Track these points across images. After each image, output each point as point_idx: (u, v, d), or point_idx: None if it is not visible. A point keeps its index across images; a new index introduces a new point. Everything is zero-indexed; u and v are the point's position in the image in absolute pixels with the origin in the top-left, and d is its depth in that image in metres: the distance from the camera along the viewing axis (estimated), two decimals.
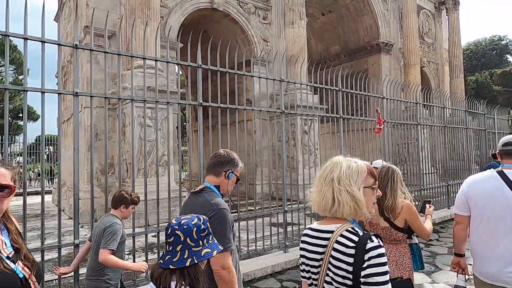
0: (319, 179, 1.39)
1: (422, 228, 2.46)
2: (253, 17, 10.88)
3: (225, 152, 2.05)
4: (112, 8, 8.30)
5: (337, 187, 1.32)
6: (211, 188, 1.98)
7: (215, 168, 2.02)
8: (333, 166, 1.38)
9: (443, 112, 7.81)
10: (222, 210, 1.85)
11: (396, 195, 2.44)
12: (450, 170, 8.85)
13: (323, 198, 1.35)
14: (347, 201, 1.30)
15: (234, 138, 5.46)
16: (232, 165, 2.03)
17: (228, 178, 2.01)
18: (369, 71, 15.41)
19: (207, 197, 1.91)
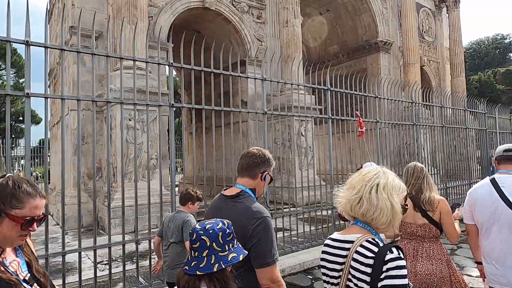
0: (359, 182, 1.37)
1: (454, 228, 2.47)
2: (247, 16, 10.63)
3: (259, 151, 1.86)
4: (99, 8, 8.10)
5: (381, 193, 1.32)
6: (247, 192, 1.81)
7: (251, 170, 1.82)
8: (377, 173, 1.38)
9: (441, 111, 7.51)
10: (267, 218, 1.70)
11: (432, 190, 2.52)
12: (450, 172, 8.57)
13: (359, 201, 1.34)
14: (386, 210, 1.31)
15: (228, 140, 5.26)
16: (267, 165, 1.85)
17: (264, 180, 1.84)
18: (368, 71, 15.12)
19: (247, 204, 1.74)
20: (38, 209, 1.20)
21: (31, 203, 1.18)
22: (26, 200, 1.17)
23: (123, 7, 7.30)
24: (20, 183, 1.19)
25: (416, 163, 2.65)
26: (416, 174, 2.56)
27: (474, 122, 8.81)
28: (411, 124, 6.69)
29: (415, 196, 2.53)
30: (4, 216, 1.14)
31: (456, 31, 17.07)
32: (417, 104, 6.84)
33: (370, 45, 15.06)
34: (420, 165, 2.63)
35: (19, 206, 1.16)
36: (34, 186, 1.22)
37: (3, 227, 1.15)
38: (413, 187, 2.55)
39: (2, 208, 1.14)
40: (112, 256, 5.21)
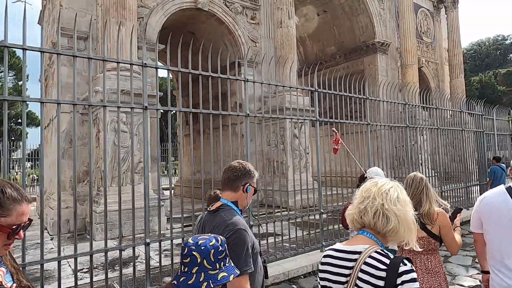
0: (378, 194, 1.36)
1: (454, 240, 2.43)
2: (241, 17, 10.50)
3: (240, 164, 1.92)
4: (88, 8, 7.97)
5: (401, 206, 1.33)
6: (228, 205, 1.86)
7: (232, 183, 1.89)
8: (393, 186, 1.40)
9: (437, 113, 7.34)
10: (240, 230, 1.72)
11: (432, 202, 2.48)
12: (448, 174, 8.40)
13: (375, 212, 1.32)
14: (406, 222, 1.32)
15: (224, 142, 5.15)
16: (249, 177, 1.90)
17: (247, 192, 1.89)
18: (365, 72, 14.96)
19: (224, 217, 1.79)
20: (25, 216, 1.11)
21: (17, 209, 1.09)
22: (13, 207, 1.08)
23: (111, 7, 7.17)
24: (3, 187, 1.08)
25: (416, 173, 2.60)
26: (415, 185, 2.51)
27: (472, 124, 8.64)
28: (404, 126, 6.51)
29: (414, 208, 2.44)
30: None
31: (455, 32, 16.90)
32: (410, 105, 6.65)
33: (367, 46, 14.91)
34: (420, 176, 2.57)
35: (5, 214, 1.06)
36: (19, 190, 1.12)
37: None
38: (412, 199, 2.46)
39: None
40: (98, 262, 5.08)
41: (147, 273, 3.71)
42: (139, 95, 7.01)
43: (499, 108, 9.47)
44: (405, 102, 6.45)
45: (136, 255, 5.35)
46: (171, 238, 3.71)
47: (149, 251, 3.58)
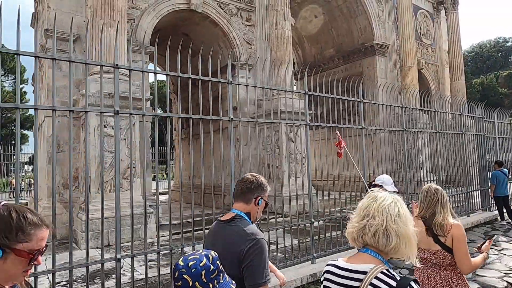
0: (378, 211, 1.33)
1: (467, 257, 2.28)
2: (235, 19, 10.30)
3: (253, 177, 1.95)
4: (77, 10, 7.78)
5: (402, 223, 1.31)
6: (242, 216, 1.89)
7: (244, 195, 1.93)
8: (393, 201, 1.36)
9: (436, 116, 7.09)
10: (260, 240, 1.76)
11: (446, 213, 2.40)
12: (450, 178, 8.14)
13: (377, 230, 1.30)
14: (407, 239, 1.30)
15: (218, 146, 4.99)
16: (261, 191, 1.94)
17: (258, 205, 1.93)
18: (364, 74, 14.74)
19: (241, 226, 1.82)
20: (44, 241, 1.11)
21: (37, 235, 1.09)
22: (33, 233, 1.08)
23: (99, 8, 6.98)
24: (24, 213, 1.08)
25: (431, 184, 2.55)
26: (429, 196, 2.46)
27: (473, 127, 8.38)
28: (401, 130, 6.26)
29: (428, 219, 2.42)
30: (9, 252, 1.04)
31: (455, 34, 16.67)
32: (408, 108, 6.41)
33: (366, 48, 14.69)
34: (435, 187, 2.52)
35: (26, 239, 1.06)
36: (37, 215, 1.12)
37: (8, 264, 1.05)
38: (427, 210, 2.44)
39: (7, 244, 1.03)
40: (79, 274, 4.84)
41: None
42: (126, 98, 6.82)
43: (501, 111, 9.21)
44: (403, 105, 6.21)
45: (122, 265, 5.13)
46: (145, 253, 3.46)
47: (120, 268, 3.32)
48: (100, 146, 4.19)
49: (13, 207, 1.09)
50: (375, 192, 1.42)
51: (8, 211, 1.06)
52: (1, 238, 1.03)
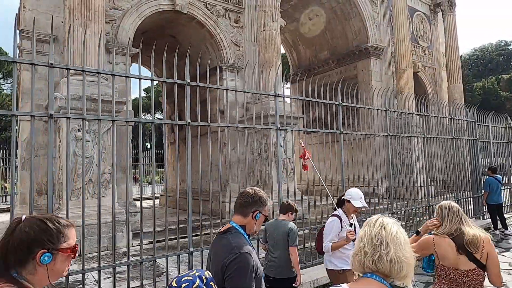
0: (388, 238, 1.37)
1: (500, 270, 2.29)
2: (223, 20, 10.06)
3: (253, 191, 1.99)
4: (55, 10, 7.56)
5: (405, 250, 1.36)
6: (236, 228, 1.92)
7: (242, 208, 1.96)
8: (396, 226, 1.41)
9: (423, 120, 6.79)
10: (243, 254, 1.76)
11: (471, 228, 2.38)
12: (446, 183, 7.83)
13: (391, 260, 1.33)
14: (411, 266, 1.35)
15: (206, 151, 4.81)
16: (259, 205, 1.95)
17: (256, 219, 1.94)
18: (359, 77, 14.48)
19: (230, 239, 1.84)
20: (75, 237, 1.28)
21: (72, 232, 1.26)
22: (69, 231, 1.25)
23: (75, 8, 6.74)
24: (54, 218, 1.23)
25: (450, 202, 2.56)
26: (452, 214, 2.44)
27: (471, 132, 8.05)
28: (385, 134, 5.96)
29: (456, 236, 2.35)
30: (56, 253, 1.19)
31: (452, 36, 16.38)
32: (391, 112, 6.11)
33: (360, 51, 14.42)
34: (454, 204, 2.53)
35: (65, 239, 1.22)
36: (62, 218, 1.27)
37: (57, 264, 1.20)
38: (451, 227, 2.40)
39: (53, 247, 1.18)
40: None
41: None
42: (108, 102, 6.57)
43: (495, 115, 8.88)
44: (386, 108, 5.91)
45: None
46: (113, 265, 3.19)
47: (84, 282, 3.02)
48: (67, 152, 4.04)
49: (42, 217, 1.22)
50: (379, 218, 1.44)
51: (41, 221, 1.20)
52: (48, 244, 1.17)
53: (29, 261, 1.15)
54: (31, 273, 1.16)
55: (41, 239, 1.16)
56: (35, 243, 1.16)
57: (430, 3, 17.15)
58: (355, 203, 3.28)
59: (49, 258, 1.17)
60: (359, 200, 3.30)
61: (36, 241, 1.16)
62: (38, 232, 1.17)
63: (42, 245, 1.16)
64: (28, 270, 1.15)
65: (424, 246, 2.48)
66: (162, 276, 4.95)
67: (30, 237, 1.16)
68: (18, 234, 1.16)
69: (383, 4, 14.89)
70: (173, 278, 1.42)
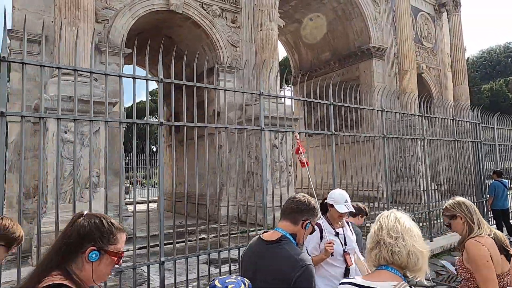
0: (404, 231, 1.38)
1: None
2: (219, 20, 9.86)
3: (305, 199, 1.89)
4: (45, 10, 7.43)
5: (421, 242, 1.38)
6: (288, 237, 1.79)
7: (293, 215, 1.85)
8: (409, 220, 1.43)
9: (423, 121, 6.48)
10: (310, 267, 1.69)
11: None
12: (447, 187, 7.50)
13: (408, 252, 1.34)
14: (426, 258, 1.37)
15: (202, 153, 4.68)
16: (311, 215, 1.87)
17: (305, 228, 1.84)
18: (361, 79, 14.18)
19: (289, 251, 1.72)
20: (124, 243, 1.28)
21: (122, 238, 1.27)
22: (120, 236, 1.26)
23: (63, 7, 6.58)
24: (109, 219, 1.27)
25: (463, 199, 2.28)
26: (474, 209, 2.19)
27: (483, 133, 7.70)
28: (381, 136, 5.66)
29: (494, 237, 2.08)
30: (103, 254, 1.21)
31: (457, 36, 15.99)
32: (388, 112, 5.82)
33: (362, 51, 14.12)
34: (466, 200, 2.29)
35: (115, 242, 1.24)
36: (117, 221, 1.30)
37: (102, 265, 1.21)
38: (483, 226, 2.12)
39: (102, 246, 1.21)
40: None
41: None
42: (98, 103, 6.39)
43: (501, 116, 8.51)
44: (382, 109, 5.62)
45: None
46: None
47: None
48: (56, 153, 3.93)
49: (100, 215, 1.25)
50: (391, 212, 1.46)
51: (98, 219, 1.23)
52: (98, 242, 1.20)
53: (79, 255, 1.18)
54: (79, 268, 1.18)
55: (94, 236, 1.20)
56: (88, 238, 1.19)
57: (434, 3, 16.80)
58: (339, 207, 2.72)
59: (96, 256, 1.19)
60: (344, 204, 2.74)
61: (89, 237, 1.19)
62: (94, 228, 1.20)
63: (93, 241, 1.19)
64: (77, 264, 1.18)
65: (478, 254, 1.98)
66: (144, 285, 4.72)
67: (86, 231, 1.19)
68: (76, 227, 1.20)
69: (385, 4, 14.60)
70: (215, 278, 1.44)
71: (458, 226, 2.20)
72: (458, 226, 2.20)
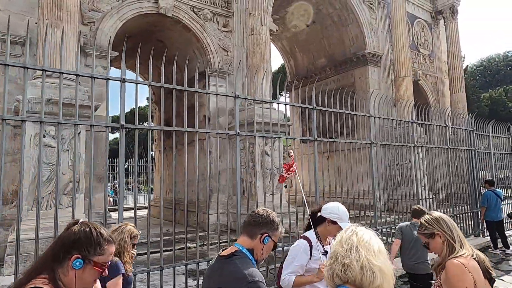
0: (359, 244, 1.23)
1: None
2: (210, 24, 9.71)
3: (264, 212, 1.79)
4: (28, 11, 7.28)
5: (383, 259, 1.23)
6: (244, 252, 1.69)
7: (250, 228, 1.75)
8: (371, 235, 1.29)
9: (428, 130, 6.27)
10: (258, 283, 1.56)
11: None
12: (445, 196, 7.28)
13: (361, 266, 1.19)
14: (388, 277, 1.23)
15: (192, 159, 4.57)
16: (270, 228, 1.75)
17: (264, 243, 1.72)
18: (356, 85, 14.02)
19: (239, 266, 1.61)
20: (111, 255, 1.30)
21: (110, 249, 1.28)
22: (107, 247, 1.27)
23: (45, 8, 6.43)
24: (100, 229, 1.28)
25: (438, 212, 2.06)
26: (455, 226, 1.95)
27: (478, 142, 7.49)
28: (369, 143, 5.45)
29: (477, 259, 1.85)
30: (88, 263, 1.22)
31: (454, 44, 15.86)
32: (376, 118, 5.61)
33: (357, 58, 13.98)
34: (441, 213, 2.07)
35: (101, 253, 1.25)
36: (108, 232, 1.30)
37: (85, 274, 1.22)
38: (465, 245, 1.89)
39: (87, 255, 1.22)
40: None
41: None
42: (70, 105, 6.23)
43: (496, 124, 8.30)
44: (370, 114, 5.41)
45: None
46: None
47: None
48: (39, 158, 3.80)
49: (91, 224, 1.29)
50: (352, 226, 1.32)
51: (89, 228, 1.27)
52: (84, 251, 1.23)
53: (66, 261, 1.21)
54: (64, 273, 1.21)
55: (81, 244, 1.22)
56: (76, 245, 1.21)
57: (431, 10, 16.72)
58: (344, 226, 2.19)
59: (80, 264, 1.21)
60: (348, 222, 2.38)
61: (77, 244, 1.22)
62: (83, 236, 1.23)
63: (80, 249, 1.21)
64: (63, 269, 1.21)
65: (459, 278, 1.74)
66: None
67: (74, 238, 1.22)
68: (68, 233, 1.24)
69: (381, 10, 14.50)
70: None
71: (438, 245, 1.93)
72: (437, 245, 1.93)
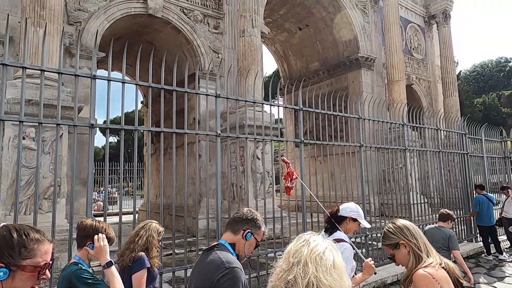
0: (308, 257, 1.07)
1: None
2: (201, 26, 9.58)
3: (249, 211, 1.88)
4: (11, 10, 7.09)
5: (336, 275, 1.08)
6: (224, 245, 1.77)
7: (234, 225, 1.84)
8: (328, 247, 1.12)
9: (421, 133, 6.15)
10: (234, 269, 1.60)
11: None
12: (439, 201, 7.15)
13: (307, 284, 1.03)
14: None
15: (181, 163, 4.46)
16: (253, 226, 1.82)
17: (246, 239, 1.79)
18: (349, 88, 13.93)
19: (218, 254, 1.68)
20: (48, 255, 1.16)
21: (41, 249, 1.14)
22: (36, 248, 1.13)
23: (27, 6, 6.25)
24: (25, 230, 1.14)
25: (402, 220, 1.94)
26: (420, 233, 1.82)
27: (471, 146, 7.39)
28: (358, 145, 5.31)
29: (445, 266, 1.71)
30: (15, 270, 1.08)
31: (447, 48, 15.88)
32: (366, 120, 5.48)
33: (350, 61, 13.91)
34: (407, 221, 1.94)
35: (30, 255, 1.11)
36: (40, 232, 1.18)
37: (16, 281, 1.09)
38: (431, 253, 1.76)
39: (12, 262, 1.08)
40: None
41: None
42: (51, 106, 6.05)
43: (489, 127, 8.21)
44: (359, 116, 5.28)
45: None
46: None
47: None
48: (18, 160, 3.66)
49: (12, 227, 1.14)
50: (307, 234, 1.16)
51: (8, 231, 1.12)
52: (5, 257, 1.07)
53: None
54: None
55: (1, 251, 1.08)
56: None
57: (424, 15, 16.76)
58: (364, 223, 2.60)
59: (5, 274, 1.07)
60: (366, 220, 2.67)
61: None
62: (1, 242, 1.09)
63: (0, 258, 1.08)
64: None
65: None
66: None
67: None
68: None
69: (374, 14, 14.48)
70: None
71: (403, 256, 1.78)
72: (403, 257, 1.79)
